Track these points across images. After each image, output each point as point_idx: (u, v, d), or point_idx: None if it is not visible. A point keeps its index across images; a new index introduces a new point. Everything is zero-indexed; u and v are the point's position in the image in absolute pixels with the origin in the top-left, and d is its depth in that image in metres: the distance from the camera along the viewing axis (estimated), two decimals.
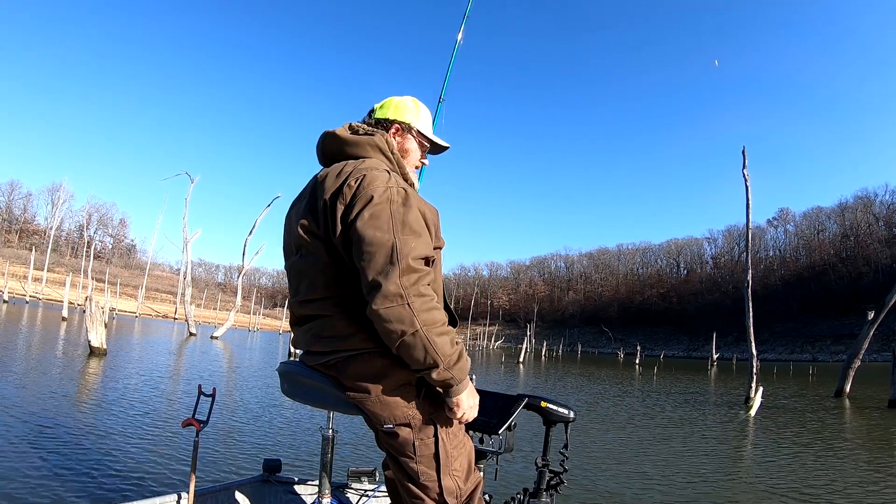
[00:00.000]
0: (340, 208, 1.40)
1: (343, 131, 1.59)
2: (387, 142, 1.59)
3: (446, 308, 1.61)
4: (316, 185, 1.52)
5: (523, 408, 1.93)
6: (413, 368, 1.36)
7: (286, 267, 1.61)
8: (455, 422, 1.50)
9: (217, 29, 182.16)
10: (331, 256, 1.44)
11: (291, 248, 1.57)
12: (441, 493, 1.44)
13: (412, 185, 1.62)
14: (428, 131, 1.72)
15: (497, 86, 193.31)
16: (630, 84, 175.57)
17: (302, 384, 1.58)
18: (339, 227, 1.40)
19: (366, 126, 1.61)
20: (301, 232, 1.50)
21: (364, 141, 1.56)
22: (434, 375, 1.35)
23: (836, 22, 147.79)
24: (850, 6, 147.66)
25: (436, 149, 1.79)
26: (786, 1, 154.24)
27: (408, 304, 1.29)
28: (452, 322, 1.63)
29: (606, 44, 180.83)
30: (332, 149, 1.61)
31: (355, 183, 1.41)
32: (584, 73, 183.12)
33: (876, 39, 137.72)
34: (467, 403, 1.43)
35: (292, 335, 1.66)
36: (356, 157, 1.55)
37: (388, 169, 1.49)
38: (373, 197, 1.37)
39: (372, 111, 1.71)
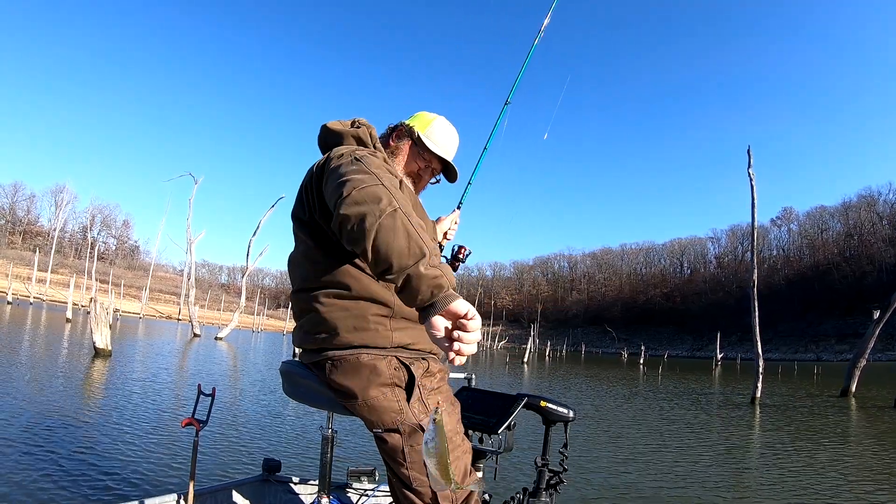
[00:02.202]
0: (317, 185, 1.42)
1: (335, 123, 1.62)
2: (370, 134, 1.58)
3: None
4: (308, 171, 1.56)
5: (523, 407, 1.92)
6: (393, 267, 1.07)
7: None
8: (452, 424, 1.45)
9: (220, 30, 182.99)
10: (315, 242, 1.45)
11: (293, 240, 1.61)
12: (435, 498, 1.40)
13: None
14: (432, 144, 1.70)
15: (501, 86, 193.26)
16: (633, 84, 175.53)
17: (300, 384, 1.58)
18: (316, 200, 1.43)
19: (366, 122, 1.62)
20: (293, 220, 1.54)
21: (348, 132, 1.57)
22: (422, 269, 1.06)
23: (840, 24, 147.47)
24: (854, 9, 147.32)
25: (449, 175, 1.80)
26: (790, 3, 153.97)
27: (382, 184, 1.16)
28: None
29: (611, 45, 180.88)
30: (322, 140, 1.66)
31: (325, 160, 1.43)
32: (588, 74, 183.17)
33: (879, 41, 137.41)
34: (466, 308, 1.06)
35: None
36: (337, 145, 1.57)
37: None
38: (342, 154, 1.38)
39: None
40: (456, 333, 1.06)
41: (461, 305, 1.05)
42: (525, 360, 31.37)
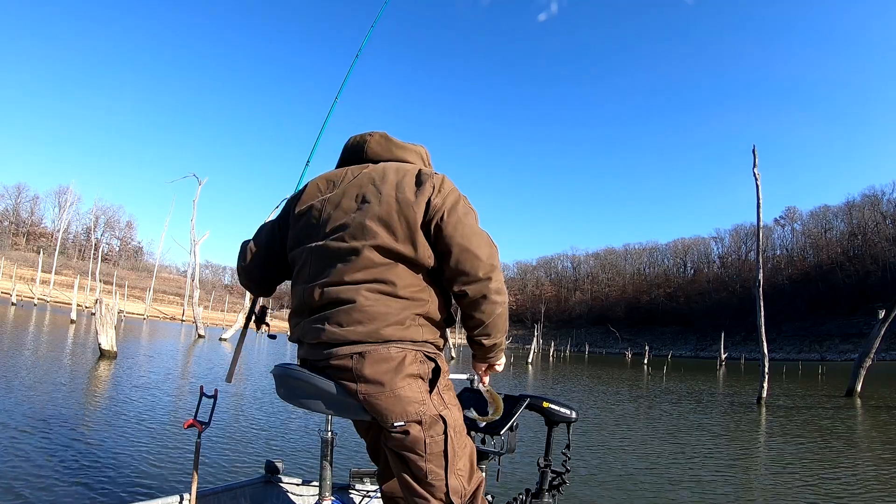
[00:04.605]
0: (429, 190, 1.50)
1: (393, 139, 1.69)
2: (426, 154, 1.75)
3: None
4: (372, 174, 1.58)
5: (525, 408, 1.92)
6: (492, 338, 1.58)
7: (306, 250, 1.56)
8: (460, 420, 1.53)
9: (224, 31, 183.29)
10: (383, 241, 1.45)
11: (316, 232, 1.55)
12: (447, 493, 1.44)
13: None
14: None
15: (504, 85, 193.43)
16: (637, 83, 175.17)
17: (298, 388, 1.53)
18: (421, 214, 1.48)
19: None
20: (368, 218, 1.47)
21: (411, 148, 1.70)
22: (503, 344, 1.64)
23: (845, 23, 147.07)
24: (858, 8, 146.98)
25: None
26: (794, 2, 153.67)
27: (503, 281, 1.56)
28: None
29: (613, 42, 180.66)
30: (378, 148, 1.66)
31: (438, 180, 1.54)
32: (590, 72, 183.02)
33: (883, 40, 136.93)
34: (503, 360, 1.74)
35: (292, 328, 1.58)
36: (401, 160, 1.65)
37: None
38: (460, 198, 1.54)
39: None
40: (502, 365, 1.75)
41: (502, 359, 1.72)
42: (529, 360, 31.27)
